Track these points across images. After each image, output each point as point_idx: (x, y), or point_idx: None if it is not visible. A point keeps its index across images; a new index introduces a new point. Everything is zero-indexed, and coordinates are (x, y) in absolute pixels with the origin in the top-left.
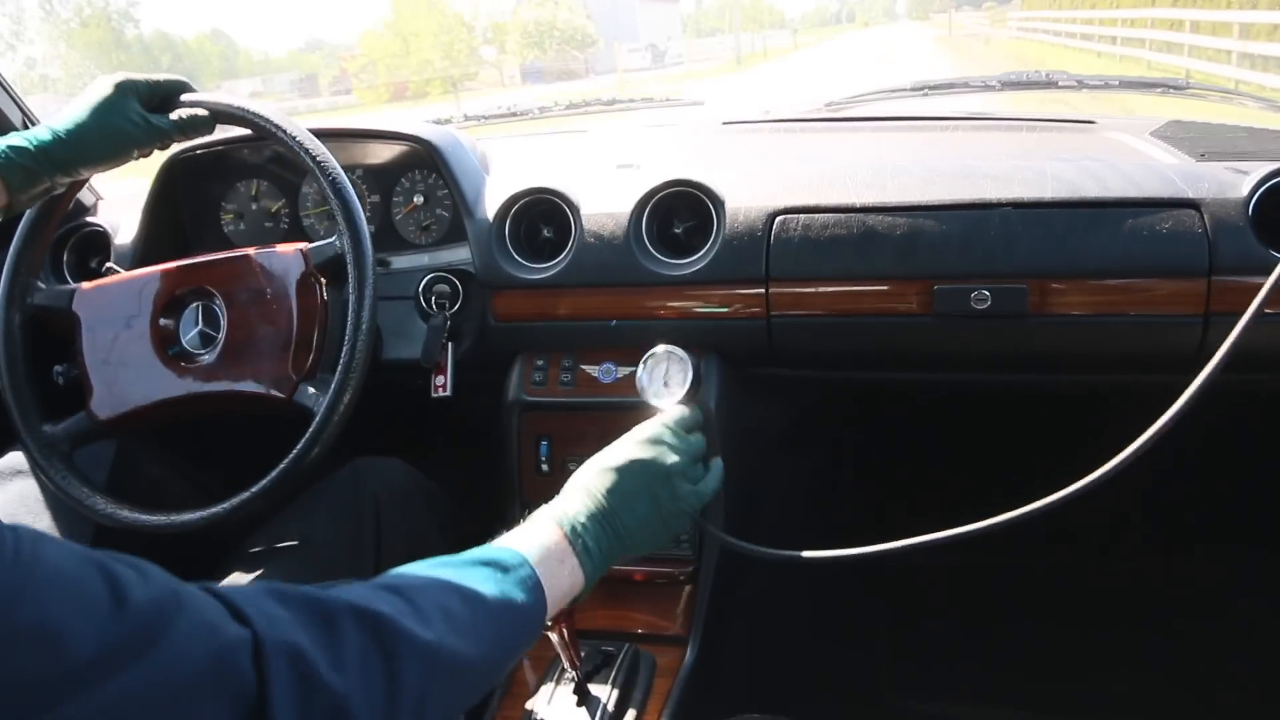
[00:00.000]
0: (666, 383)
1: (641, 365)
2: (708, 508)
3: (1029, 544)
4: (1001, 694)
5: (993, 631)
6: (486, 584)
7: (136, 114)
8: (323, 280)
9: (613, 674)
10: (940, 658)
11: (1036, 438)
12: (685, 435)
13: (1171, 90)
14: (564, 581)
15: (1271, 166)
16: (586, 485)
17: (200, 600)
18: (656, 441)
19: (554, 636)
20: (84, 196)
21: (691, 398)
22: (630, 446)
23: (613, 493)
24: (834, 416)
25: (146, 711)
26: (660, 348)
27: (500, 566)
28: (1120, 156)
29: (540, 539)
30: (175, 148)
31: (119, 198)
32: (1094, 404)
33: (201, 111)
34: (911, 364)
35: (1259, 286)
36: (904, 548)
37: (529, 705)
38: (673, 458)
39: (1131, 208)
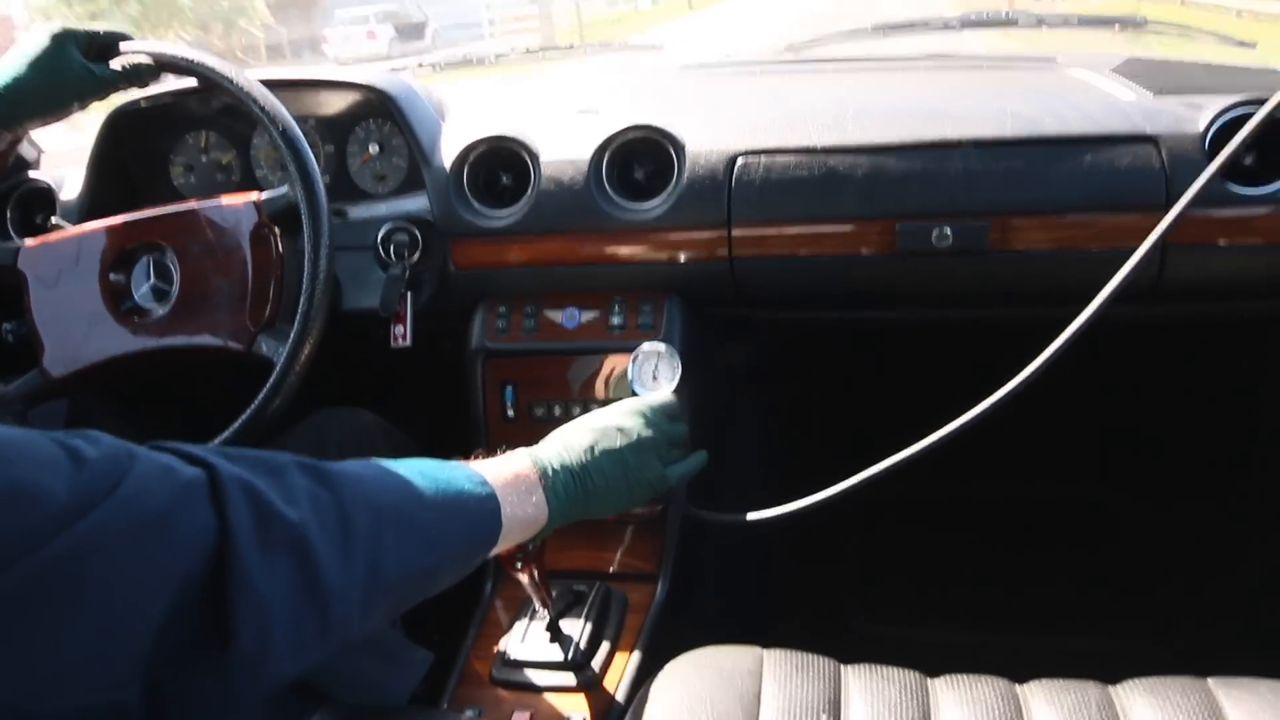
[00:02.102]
0: (655, 377)
1: (631, 360)
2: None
3: (998, 474)
4: (969, 618)
5: (959, 559)
6: (431, 468)
7: (78, 63)
8: (277, 230)
9: (584, 612)
10: (908, 585)
11: (1002, 370)
12: (665, 419)
13: (1130, 27)
14: (528, 511)
15: (1227, 100)
16: (564, 438)
17: (153, 452)
18: (638, 414)
19: (524, 577)
20: (26, 151)
21: (679, 392)
22: (613, 413)
23: (589, 450)
24: (800, 357)
25: (119, 547)
26: (649, 345)
27: (447, 465)
28: (1080, 93)
29: (511, 466)
30: (117, 99)
31: (63, 151)
32: (1074, 342)
33: (146, 59)
34: (875, 302)
35: (1216, 219)
36: (839, 492)
37: (501, 643)
38: (648, 432)
39: (1090, 144)
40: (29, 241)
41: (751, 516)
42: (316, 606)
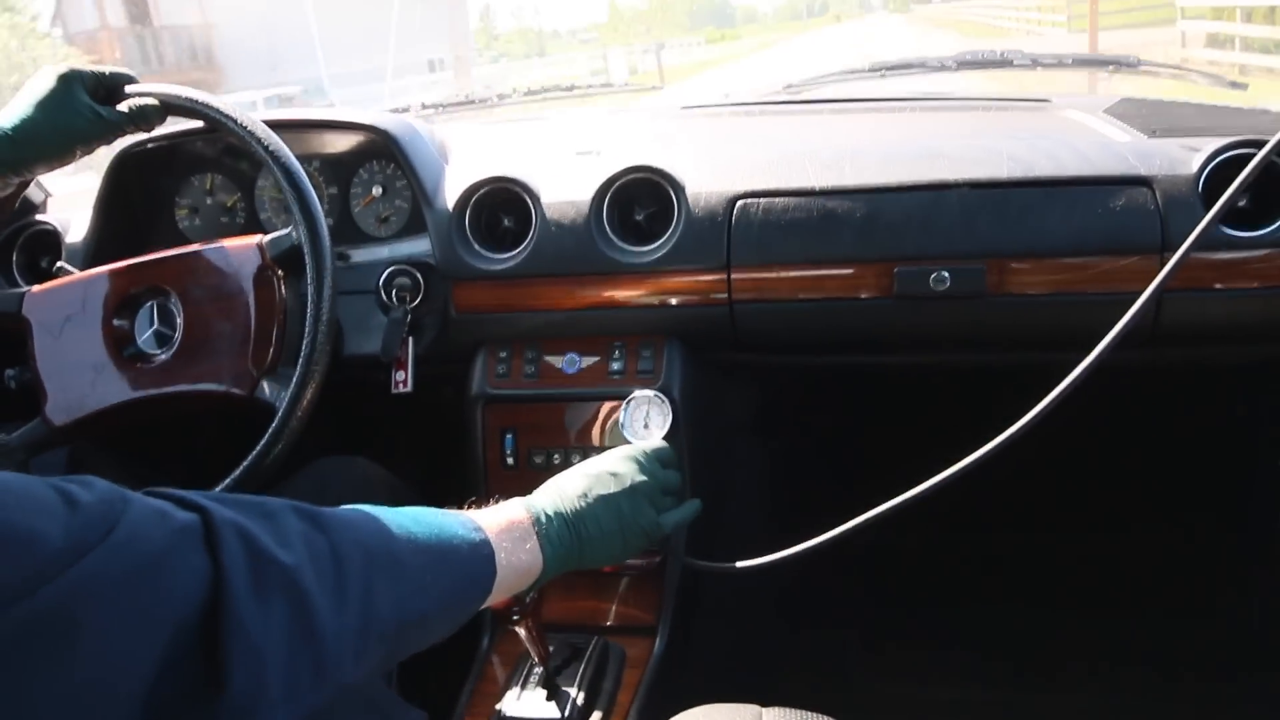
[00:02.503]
0: (647, 424)
1: (624, 407)
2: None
3: (997, 527)
4: (971, 675)
5: (961, 614)
6: (424, 515)
7: (86, 106)
8: (280, 273)
9: (582, 667)
10: (910, 641)
11: (1001, 416)
12: (659, 465)
13: (1124, 68)
14: (522, 558)
15: (1220, 142)
16: (558, 486)
17: (147, 497)
18: (632, 460)
19: (521, 631)
20: (33, 194)
21: (671, 439)
22: (607, 460)
23: (583, 496)
24: (799, 402)
25: (113, 592)
26: (641, 392)
27: (440, 512)
28: (1074, 135)
29: (505, 514)
30: (123, 142)
31: (69, 194)
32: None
33: (152, 101)
34: (874, 347)
35: (1212, 263)
36: (826, 541)
37: (499, 705)
38: (642, 477)
39: (1085, 186)
40: (34, 289)
41: (741, 564)
42: (311, 650)
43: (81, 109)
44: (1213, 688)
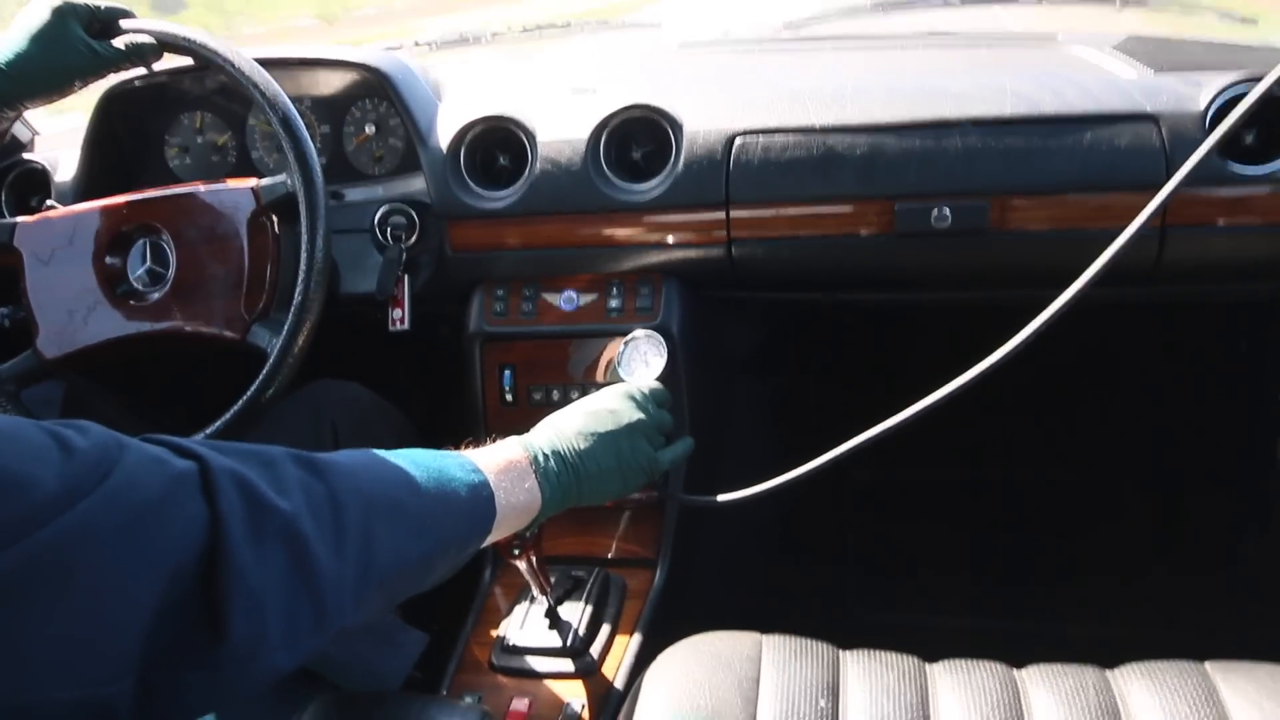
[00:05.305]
0: (645, 364)
1: (622, 346)
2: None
3: (998, 460)
4: (969, 605)
5: (960, 545)
6: (423, 457)
7: (80, 40)
8: (274, 218)
9: (583, 598)
10: (908, 572)
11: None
12: (655, 405)
13: (1133, 3)
14: (521, 498)
15: (1228, 79)
16: (556, 424)
17: (143, 444)
18: (628, 398)
19: (522, 564)
20: (20, 132)
21: (666, 380)
22: (604, 398)
23: (580, 434)
24: (799, 339)
25: (109, 538)
26: (640, 331)
27: (438, 454)
28: (1080, 71)
29: (503, 454)
30: (110, 79)
31: (57, 132)
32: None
33: (149, 39)
34: (874, 284)
35: (1215, 199)
36: (808, 471)
37: (501, 629)
38: (639, 415)
39: (1090, 122)
40: (26, 219)
41: (723, 498)
42: (310, 596)
43: (76, 43)
44: (1209, 617)
